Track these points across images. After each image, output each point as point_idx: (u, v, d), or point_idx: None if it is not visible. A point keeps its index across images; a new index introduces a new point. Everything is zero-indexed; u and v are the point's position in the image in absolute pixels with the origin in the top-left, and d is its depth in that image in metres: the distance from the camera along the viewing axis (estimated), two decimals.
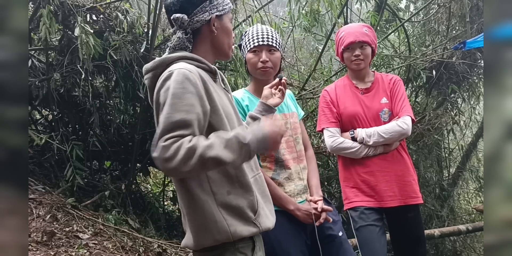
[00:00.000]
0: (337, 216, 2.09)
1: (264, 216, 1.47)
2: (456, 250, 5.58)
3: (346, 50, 2.41)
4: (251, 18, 4.13)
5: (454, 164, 6.24)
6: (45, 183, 3.82)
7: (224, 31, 1.49)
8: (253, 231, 1.42)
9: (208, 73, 1.44)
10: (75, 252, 2.94)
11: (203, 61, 1.43)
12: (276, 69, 2.00)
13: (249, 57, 1.97)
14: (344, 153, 2.39)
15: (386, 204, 2.34)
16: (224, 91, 1.52)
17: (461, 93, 5.57)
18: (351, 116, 2.40)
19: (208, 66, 1.45)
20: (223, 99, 1.46)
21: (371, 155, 2.36)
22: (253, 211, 1.43)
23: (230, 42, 1.53)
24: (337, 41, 2.48)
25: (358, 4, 4.96)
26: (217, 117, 1.38)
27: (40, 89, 3.78)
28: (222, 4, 1.47)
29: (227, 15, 1.49)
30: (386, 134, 2.32)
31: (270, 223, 1.49)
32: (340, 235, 2.01)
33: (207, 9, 1.44)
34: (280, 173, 1.96)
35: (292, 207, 1.91)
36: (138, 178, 4.80)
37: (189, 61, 1.41)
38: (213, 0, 1.45)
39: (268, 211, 1.51)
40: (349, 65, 2.46)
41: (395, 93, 2.43)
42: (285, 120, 2.03)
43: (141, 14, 3.90)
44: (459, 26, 5.38)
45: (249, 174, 1.47)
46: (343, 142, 2.36)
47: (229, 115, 1.45)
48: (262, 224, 1.44)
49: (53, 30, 3.29)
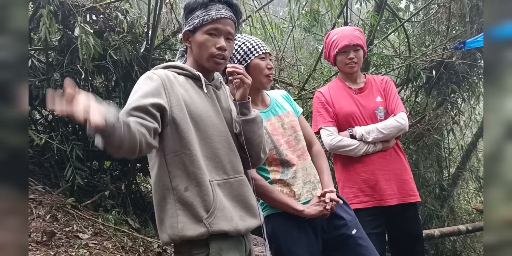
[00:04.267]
0: (352, 215, 2.04)
1: (221, 218, 1.42)
2: (456, 250, 5.58)
3: (340, 53, 2.42)
4: (251, 18, 4.13)
5: (454, 164, 6.24)
6: (45, 183, 3.82)
7: (196, 44, 1.55)
8: (200, 231, 1.39)
9: (192, 79, 1.56)
10: (75, 252, 2.94)
11: (185, 68, 1.56)
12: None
13: (258, 63, 1.93)
14: (343, 151, 2.39)
15: (385, 203, 2.35)
16: (206, 96, 1.55)
17: (461, 93, 5.57)
18: (347, 115, 2.42)
19: (191, 73, 1.55)
20: (195, 101, 1.50)
21: (371, 152, 2.37)
22: (206, 211, 1.41)
23: (207, 54, 1.53)
24: (328, 44, 2.49)
25: (358, 4, 4.96)
26: (181, 114, 1.45)
27: (40, 89, 3.78)
28: (194, 19, 1.54)
29: (200, 28, 1.52)
30: (385, 130, 2.34)
31: (228, 227, 1.43)
32: (354, 233, 1.96)
33: (184, 25, 1.59)
34: (287, 173, 1.94)
35: (301, 207, 1.89)
36: (138, 178, 4.80)
37: (172, 69, 1.56)
38: (188, 16, 1.57)
39: (235, 215, 1.47)
40: (342, 68, 2.48)
41: (389, 92, 2.48)
42: (281, 122, 2.01)
43: (141, 14, 3.90)
44: (459, 26, 5.38)
45: (217, 176, 1.48)
46: (342, 140, 2.36)
47: (200, 117, 1.49)
48: (214, 225, 1.40)
49: (53, 30, 3.29)
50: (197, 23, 1.53)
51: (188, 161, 1.44)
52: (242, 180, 1.55)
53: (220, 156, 1.51)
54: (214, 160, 1.50)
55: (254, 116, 1.61)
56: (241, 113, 1.60)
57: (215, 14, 1.51)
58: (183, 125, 1.45)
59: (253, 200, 1.57)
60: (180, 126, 1.44)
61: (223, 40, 1.53)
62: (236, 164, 1.55)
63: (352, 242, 1.95)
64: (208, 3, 1.53)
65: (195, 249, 1.43)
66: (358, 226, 2.01)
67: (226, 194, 1.49)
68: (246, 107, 1.61)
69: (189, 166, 1.44)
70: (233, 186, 1.52)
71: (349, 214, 2.02)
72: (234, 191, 1.51)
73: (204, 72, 1.58)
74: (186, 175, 1.44)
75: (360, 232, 1.99)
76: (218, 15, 1.52)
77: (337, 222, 1.97)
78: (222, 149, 1.52)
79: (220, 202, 1.44)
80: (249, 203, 1.54)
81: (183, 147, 1.44)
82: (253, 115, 1.61)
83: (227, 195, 1.49)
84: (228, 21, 1.54)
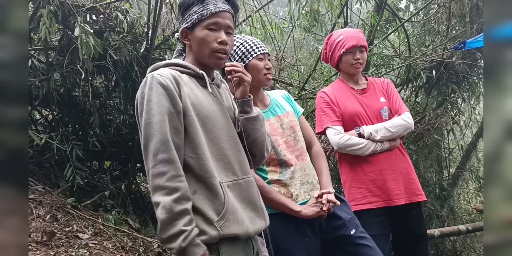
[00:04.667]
0: (350, 214, 2.05)
1: (232, 221, 1.39)
2: (456, 250, 5.58)
3: (346, 53, 2.42)
4: (251, 18, 4.13)
5: (454, 164, 6.24)
6: (45, 183, 3.82)
7: (195, 41, 1.51)
8: (212, 234, 1.36)
9: (195, 78, 1.51)
10: (75, 252, 2.94)
11: (189, 67, 1.51)
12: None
13: (256, 63, 1.95)
14: (351, 150, 2.38)
15: (393, 203, 2.35)
16: (211, 95, 1.51)
17: (461, 93, 5.57)
18: (353, 115, 2.42)
19: (195, 71, 1.50)
20: (202, 101, 1.47)
21: (378, 151, 2.38)
22: (217, 214, 1.38)
23: (208, 50, 1.49)
24: (332, 45, 2.48)
25: (358, 4, 4.96)
26: (187, 118, 1.42)
27: (40, 89, 3.78)
28: (191, 15, 1.50)
29: (199, 24, 1.49)
30: (393, 128, 2.37)
31: (239, 230, 1.40)
32: (352, 234, 1.96)
33: (181, 23, 1.54)
34: (285, 174, 1.95)
35: (298, 208, 1.89)
36: (138, 178, 4.80)
37: (174, 67, 1.50)
38: (185, 13, 1.52)
39: (245, 218, 1.44)
40: (347, 68, 2.48)
41: (391, 93, 2.53)
42: (280, 122, 2.02)
43: (141, 14, 3.90)
44: (459, 26, 5.38)
45: (226, 177, 1.45)
46: (350, 139, 2.36)
47: (207, 117, 1.45)
48: (225, 229, 1.37)
49: (53, 30, 3.29)
50: (195, 19, 1.48)
51: (196, 165, 1.40)
52: (250, 181, 1.52)
53: (228, 157, 1.48)
54: (223, 161, 1.47)
55: (257, 113, 1.59)
56: (243, 111, 1.57)
57: (214, 8, 1.47)
58: (190, 128, 1.41)
59: (260, 201, 1.54)
60: (188, 130, 1.41)
61: (223, 34, 1.50)
62: (244, 164, 1.52)
63: (351, 242, 1.96)
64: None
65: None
66: (357, 226, 2.01)
67: (236, 195, 1.45)
68: (248, 105, 1.58)
69: (196, 170, 1.40)
70: (242, 187, 1.48)
71: (348, 214, 2.03)
72: (243, 192, 1.48)
73: (205, 70, 1.54)
74: (194, 178, 1.40)
75: (359, 232, 1.99)
76: (217, 9, 1.48)
77: (336, 222, 1.97)
78: (230, 149, 1.49)
79: (232, 204, 1.41)
80: (258, 205, 1.51)
81: (191, 151, 1.41)
82: (255, 112, 1.58)
83: (237, 196, 1.46)
84: (227, 15, 1.50)
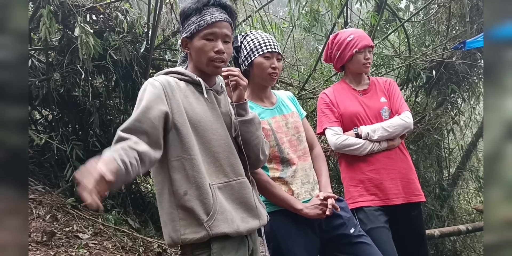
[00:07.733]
0: (349, 213, 2.06)
1: (221, 220, 1.45)
2: (456, 250, 5.58)
3: (358, 52, 2.43)
4: (251, 18, 4.13)
5: (454, 164, 6.24)
6: (45, 183, 3.82)
7: (194, 51, 1.57)
8: (201, 234, 1.42)
9: (193, 85, 1.58)
10: (75, 252, 2.94)
11: (186, 74, 1.58)
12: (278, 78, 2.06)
13: (261, 61, 1.96)
14: (348, 150, 2.39)
15: (391, 202, 2.35)
16: (206, 101, 1.56)
17: (461, 93, 5.56)
18: (352, 115, 2.43)
19: (192, 78, 1.57)
20: (194, 107, 1.52)
21: (376, 151, 2.37)
22: (206, 214, 1.44)
23: (206, 59, 1.54)
24: (341, 44, 2.46)
25: (358, 4, 4.96)
26: (181, 119, 1.48)
27: (40, 89, 3.79)
28: (190, 25, 1.55)
29: (197, 34, 1.54)
30: (391, 128, 2.36)
31: (229, 229, 1.45)
32: (352, 232, 1.98)
33: (182, 32, 1.60)
34: (287, 172, 1.96)
35: (300, 206, 1.90)
36: (138, 178, 4.80)
37: (173, 75, 1.58)
38: (184, 23, 1.58)
39: (236, 218, 1.50)
40: (358, 67, 2.47)
41: (392, 93, 2.51)
42: (285, 121, 2.03)
43: (141, 14, 3.91)
44: (459, 26, 5.38)
45: (218, 179, 1.50)
46: (348, 139, 2.37)
47: (199, 122, 1.51)
48: (214, 228, 1.43)
49: (53, 30, 3.30)
50: (193, 29, 1.54)
51: (189, 166, 1.46)
52: (243, 182, 1.57)
53: (220, 160, 1.53)
54: (214, 164, 1.52)
55: (251, 117, 1.62)
56: (238, 114, 1.61)
57: (210, 19, 1.52)
58: (183, 130, 1.47)
59: (254, 201, 1.58)
60: (180, 132, 1.47)
61: (220, 44, 1.54)
62: (236, 166, 1.57)
63: (350, 241, 1.97)
64: (202, 8, 1.53)
65: (197, 250, 1.46)
66: (355, 225, 2.04)
67: (227, 197, 1.51)
68: (243, 108, 1.62)
69: (189, 170, 1.46)
70: (235, 188, 1.54)
71: (347, 213, 2.05)
72: (235, 193, 1.53)
73: (205, 76, 1.59)
74: (186, 179, 1.46)
75: (358, 231, 2.01)
76: (213, 19, 1.52)
77: (335, 221, 1.98)
78: (221, 152, 1.54)
79: (221, 205, 1.47)
80: (250, 205, 1.56)
81: (184, 152, 1.47)
82: (250, 116, 1.62)
83: (228, 197, 1.51)
84: (224, 24, 1.54)
